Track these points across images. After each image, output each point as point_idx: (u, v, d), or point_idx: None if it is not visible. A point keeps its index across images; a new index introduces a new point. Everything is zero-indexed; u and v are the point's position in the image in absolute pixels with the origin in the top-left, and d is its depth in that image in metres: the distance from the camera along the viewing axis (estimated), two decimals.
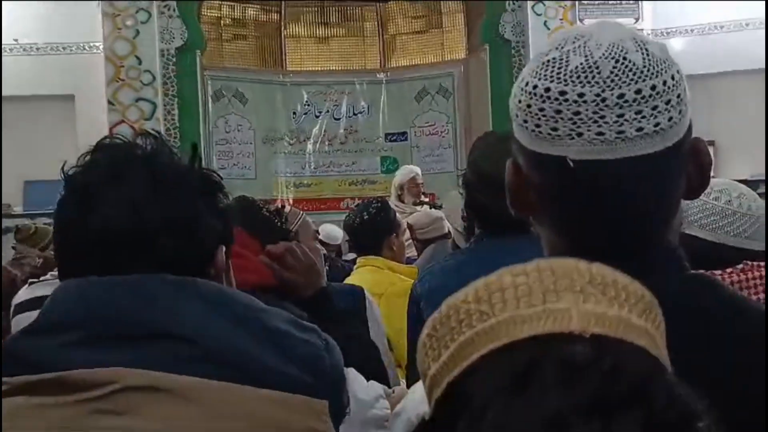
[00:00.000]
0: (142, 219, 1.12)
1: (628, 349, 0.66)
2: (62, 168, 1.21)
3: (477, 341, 0.69)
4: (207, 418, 1.01)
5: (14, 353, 1.08)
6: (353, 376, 1.25)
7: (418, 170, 6.93)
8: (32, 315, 1.38)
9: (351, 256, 4.07)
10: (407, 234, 4.50)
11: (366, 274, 3.38)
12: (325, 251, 3.21)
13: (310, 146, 9.37)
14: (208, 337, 1.06)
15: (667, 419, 0.61)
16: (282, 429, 1.04)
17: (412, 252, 4.66)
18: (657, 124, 0.90)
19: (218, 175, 1.27)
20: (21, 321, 2.29)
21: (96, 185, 1.16)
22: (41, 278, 2.57)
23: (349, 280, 3.44)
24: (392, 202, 6.22)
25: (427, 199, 6.92)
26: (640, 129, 0.90)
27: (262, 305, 1.16)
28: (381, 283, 3.25)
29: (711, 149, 7.73)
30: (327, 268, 3.53)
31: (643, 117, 0.90)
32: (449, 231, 4.35)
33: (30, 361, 1.05)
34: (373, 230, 3.54)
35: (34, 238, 4.69)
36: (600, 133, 0.89)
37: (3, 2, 7.34)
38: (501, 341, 0.67)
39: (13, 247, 5.03)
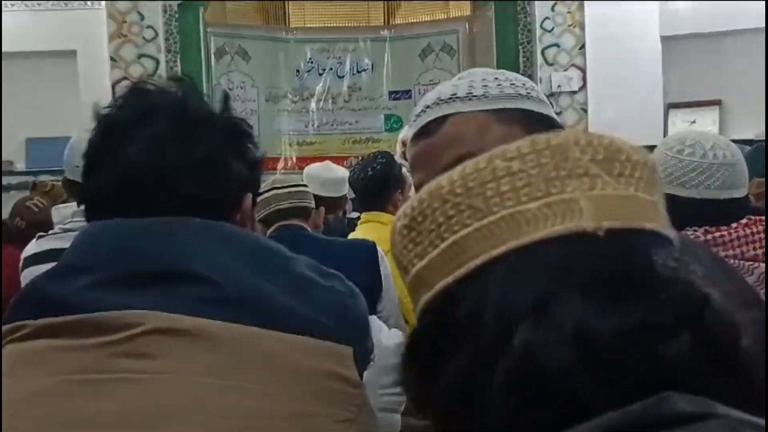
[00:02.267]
0: (165, 158, 1.12)
1: (644, 240, 0.61)
2: (94, 110, 1.20)
3: (474, 244, 0.62)
4: (230, 362, 1.00)
5: (37, 295, 1.08)
6: (377, 324, 1.25)
7: None
8: (41, 268, 1.36)
9: (356, 215, 4.05)
10: (413, 190, 4.48)
11: (371, 230, 3.35)
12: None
13: (313, 104, 9.32)
14: (232, 280, 1.04)
15: (714, 333, 0.56)
16: (307, 373, 1.03)
17: None
18: None
19: (248, 124, 1.26)
20: (30, 275, 2.27)
21: (122, 125, 1.16)
22: (49, 231, 2.56)
23: (353, 236, 3.41)
24: (397, 158, 6.19)
25: None
26: None
27: (287, 252, 1.15)
28: (386, 239, 3.23)
29: (717, 109, 7.70)
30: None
31: None
32: None
33: (54, 303, 1.04)
34: (378, 185, 3.50)
35: (51, 194, 4.67)
36: None
37: None
38: (505, 245, 0.61)
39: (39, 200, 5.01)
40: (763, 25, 7.01)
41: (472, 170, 0.64)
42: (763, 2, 6.59)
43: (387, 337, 1.29)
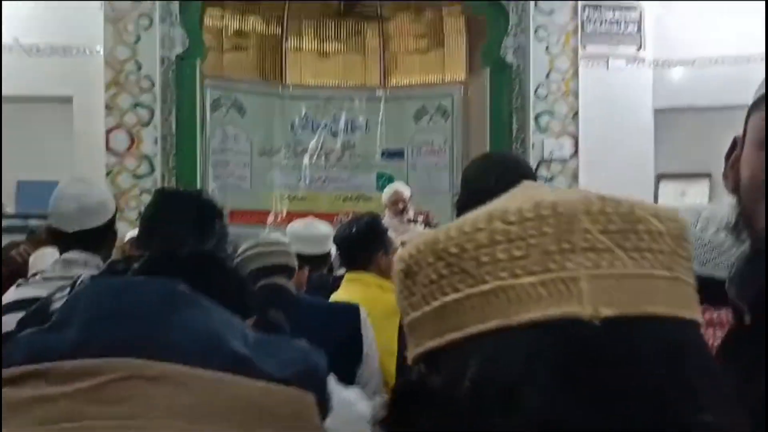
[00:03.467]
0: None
1: (646, 332, 0.55)
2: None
3: (462, 313, 0.58)
4: (200, 407, 1.01)
5: (20, 343, 1.12)
6: (334, 380, 1.27)
7: (401, 188, 6.87)
8: (18, 316, 1.38)
9: (342, 271, 4.05)
10: (399, 251, 4.47)
11: (355, 290, 3.34)
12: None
13: (306, 160, 9.36)
14: (204, 332, 1.08)
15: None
16: (274, 419, 1.05)
17: None
18: None
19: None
20: (8, 321, 2.26)
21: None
22: (29, 279, 2.55)
23: (336, 295, 3.40)
24: (386, 220, 6.20)
25: (421, 218, 6.90)
26: None
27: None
28: (370, 300, 3.22)
29: (708, 180, 7.74)
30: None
31: None
32: None
33: (36, 352, 1.07)
34: (362, 244, 3.50)
35: (43, 242, 4.65)
36: None
37: (4, 1, 7.32)
38: (492, 322, 0.56)
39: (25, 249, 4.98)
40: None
41: (470, 229, 0.59)
42: (753, 80, 6.64)
43: (345, 391, 1.32)
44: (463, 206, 2.28)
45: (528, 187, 0.63)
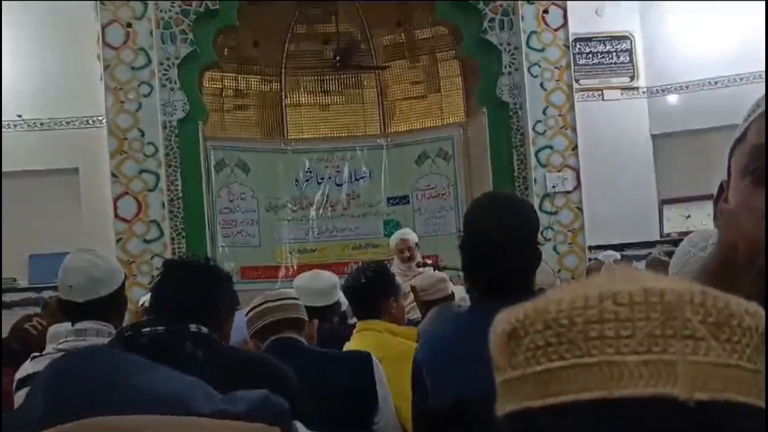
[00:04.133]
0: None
1: (733, 417, 0.60)
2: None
3: (566, 380, 0.62)
4: None
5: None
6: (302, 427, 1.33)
7: (407, 235, 6.87)
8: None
9: (354, 320, 4.08)
10: (410, 297, 4.52)
11: (366, 339, 3.38)
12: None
13: (313, 212, 9.42)
14: (164, 389, 1.14)
15: None
16: None
17: (416, 314, 4.66)
18: None
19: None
20: (23, 396, 2.31)
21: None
22: (44, 353, 2.59)
23: (348, 346, 3.43)
24: (395, 265, 6.24)
25: (430, 262, 6.92)
26: None
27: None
28: (381, 346, 3.25)
29: (711, 203, 7.84)
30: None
31: None
32: (452, 293, 4.37)
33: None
34: (371, 293, 3.54)
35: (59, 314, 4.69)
36: None
37: (6, 78, 7.46)
38: (594, 392, 0.60)
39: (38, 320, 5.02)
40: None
41: (581, 305, 0.63)
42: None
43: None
44: (466, 249, 2.31)
45: (628, 271, 0.67)
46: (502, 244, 2.19)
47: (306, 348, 2.98)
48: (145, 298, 6.27)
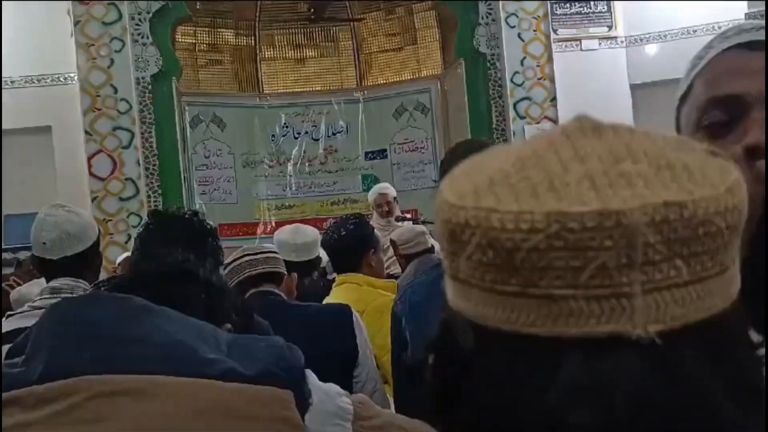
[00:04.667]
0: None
1: (689, 344, 0.54)
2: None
3: (513, 310, 0.55)
4: (176, 415, 1.03)
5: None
6: (313, 376, 1.28)
7: (385, 190, 6.81)
8: (6, 348, 1.39)
9: (335, 275, 4.05)
10: (390, 251, 4.49)
11: (346, 292, 3.35)
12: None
13: (290, 168, 9.37)
14: (170, 341, 1.10)
15: None
16: (251, 419, 1.07)
17: (396, 269, 4.64)
18: None
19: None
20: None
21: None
22: (18, 310, 2.55)
23: (328, 299, 3.41)
24: (374, 220, 6.21)
25: (409, 216, 6.90)
26: None
27: (219, 329, 1.23)
28: (361, 300, 3.23)
29: None
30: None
31: None
32: (432, 246, 4.34)
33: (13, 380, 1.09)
34: (350, 247, 3.51)
35: (34, 271, 4.65)
36: None
37: None
38: (542, 328, 0.54)
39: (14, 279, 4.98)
40: None
41: (526, 228, 0.54)
42: None
43: (324, 385, 1.32)
44: None
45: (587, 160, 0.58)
46: None
47: (285, 302, 2.95)
48: (124, 256, 6.23)
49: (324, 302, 3.36)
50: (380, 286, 3.45)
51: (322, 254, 4.11)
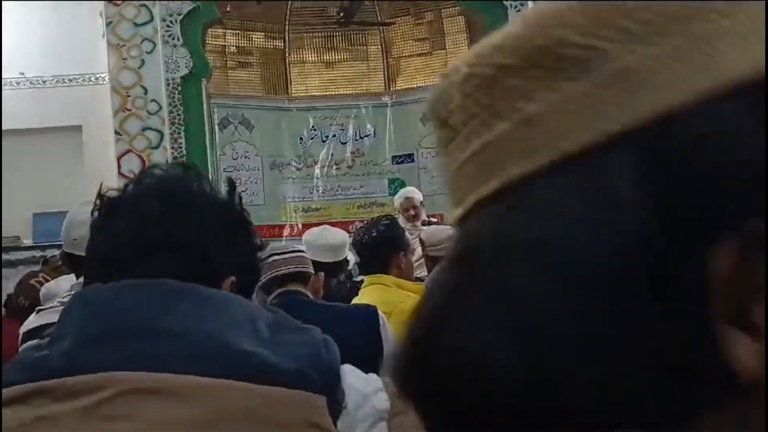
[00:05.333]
0: (146, 235, 1.17)
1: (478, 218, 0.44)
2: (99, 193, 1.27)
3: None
4: (206, 418, 1.01)
5: (22, 362, 1.13)
6: (350, 369, 1.25)
7: (411, 194, 6.79)
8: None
9: (361, 278, 4.06)
10: (418, 253, 4.49)
11: (374, 293, 3.35)
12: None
13: (317, 171, 9.39)
14: (201, 334, 1.07)
15: None
16: (281, 425, 1.04)
17: (422, 272, 4.63)
18: None
19: (246, 213, 1.31)
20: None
21: (117, 206, 1.23)
22: (48, 305, 2.57)
23: (356, 300, 3.41)
24: (401, 223, 6.21)
25: (435, 220, 6.89)
26: None
27: (260, 307, 1.20)
28: (389, 301, 3.23)
29: None
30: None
31: None
32: None
33: (36, 368, 1.07)
34: (381, 247, 3.50)
35: (61, 269, 4.69)
36: None
37: (8, 36, 7.40)
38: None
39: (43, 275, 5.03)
40: None
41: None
42: None
43: (361, 383, 1.29)
44: None
45: None
46: None
47: (311, 301, 2.96)
48: None
49: (353, 302, 3.36)
50: (409, 288, 3.44)
51: (350, 257, 4.12)
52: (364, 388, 1.27)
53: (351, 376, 1.23)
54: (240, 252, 1.26)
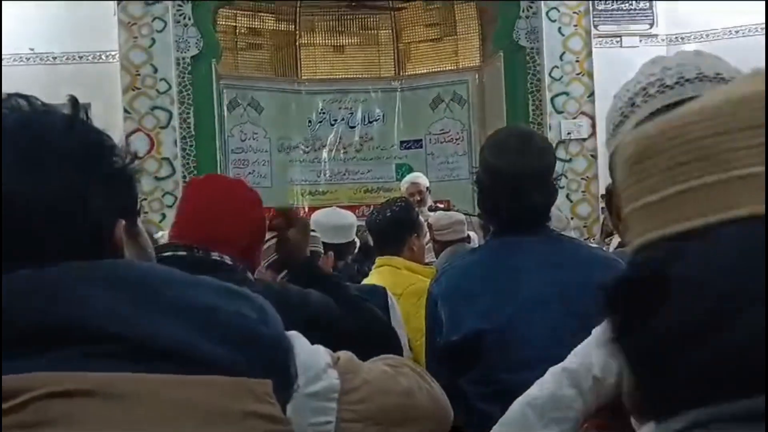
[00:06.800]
0: (11, 202, 0.93)
1: None
2: None
3: (712, 200, 0.55)
4: (140, 417, 0.89)
5: None
6: (297, 341, 1.11)
7: (418, 180, 6.78)
8: None
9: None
10: (428, 237, 4.50)
11: (384, 275, 3.35)
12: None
13: (325, 154, 9.40)
14: (124, 326, 0.92)
15: None
16: (221, 416, 0.92)
17: (430, 257, 4.64)
18: None
19: (106, 135, 1.06)
20: None
21: None
22: None
23: (367, 281, 3.41)
24: None
25: (441, 206, 6.88)
26: None
27: (183, 277, 1.02)
28: (399, 283, 3.23)
29: None
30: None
31: None
32: (469, 235, 4.33)
33: None
34: (394, 228, 3.50)
35: None
36: None
37: (18, 11, 7.39)
38: (743, 209, 0.54)
39: None
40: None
41: (710, 116, 0.55)
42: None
43: (309, 356, 1.14)
44: (484, 183, 2.29)
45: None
46: (521, 178, 2.18)
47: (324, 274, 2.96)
48: (159, 235, 6.27)
49: (363, 283, 3.37)
50: (419, 271, 3.44)
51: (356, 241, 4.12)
52: (315, 364, 1.16)
53: (300, 350, 1.10)
54: (115, 187, 1.04)
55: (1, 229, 0.93)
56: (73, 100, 1.06)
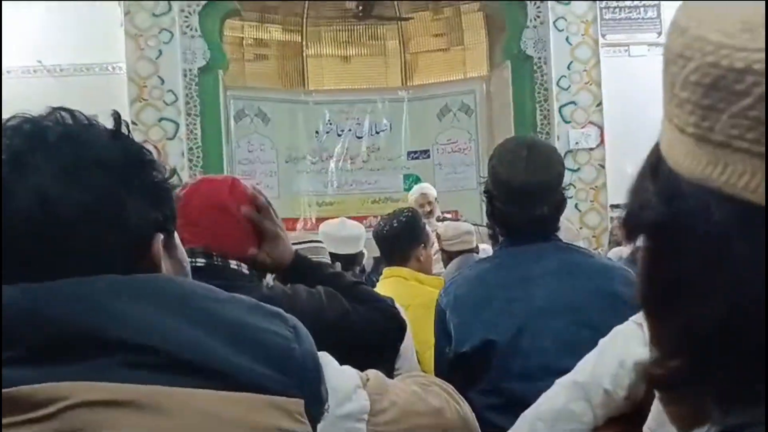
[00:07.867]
0: (54, 212, 0.95)
1: None
2: None
3: None
4: (168, 427, 0.89)
5: None
6: (327, 361, 1.12)
7: (426, 190, 6.77)
8: None
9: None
10: (436, 247, 4.48)
11: (391, 286, 3.33)
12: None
13: (332, 165, 9.39)
14: (160, 339, 0.93)
15: None
16: (251, 429, 0.93)
17: (440, 267, 4.62)
18: None
19: (146, 150, 1.09)
20: None
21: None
22: None
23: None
24: None
25: (450, 217, 6.88)
26: None
27: (220, 294, 1.03)
28: (407, 294, 3.21)
29: None
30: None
31: None
32: (477, 246, 4.31)
33: None
34: (401, 238, 3.49)
35: None
36: None
37: (26, 24, 7.41)
38: None
39: None
40: None
41: None
42: None
43: (338, 378, 1.16)
44: (493, 193, 2.28)
45: None
46: (530, 188, 2.17)
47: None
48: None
49: None
50: (427, 281, 3.42)
51: (365, 252, 4.11)
52: (342, 385, 1.17)
53: (327, 368, 1.10)
54: (155, 200, 1.05)
55: (43, 236, 0.95)
56: (116, 115, 1.09)
